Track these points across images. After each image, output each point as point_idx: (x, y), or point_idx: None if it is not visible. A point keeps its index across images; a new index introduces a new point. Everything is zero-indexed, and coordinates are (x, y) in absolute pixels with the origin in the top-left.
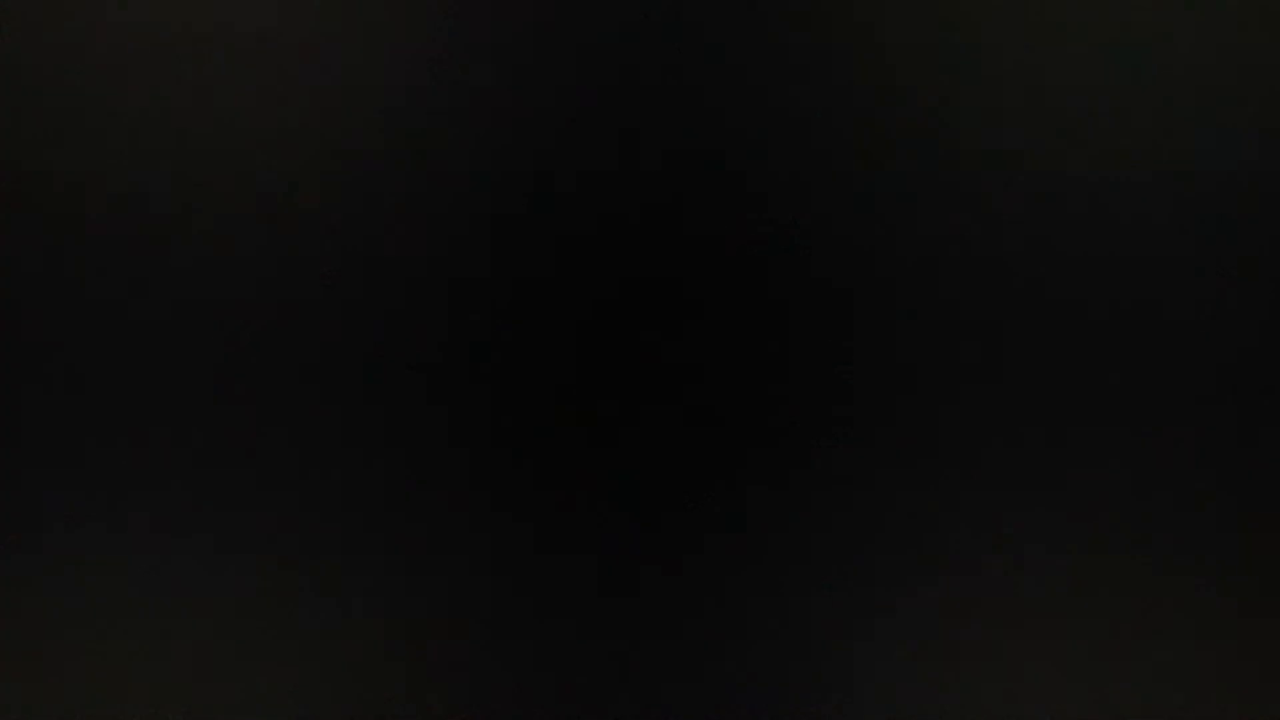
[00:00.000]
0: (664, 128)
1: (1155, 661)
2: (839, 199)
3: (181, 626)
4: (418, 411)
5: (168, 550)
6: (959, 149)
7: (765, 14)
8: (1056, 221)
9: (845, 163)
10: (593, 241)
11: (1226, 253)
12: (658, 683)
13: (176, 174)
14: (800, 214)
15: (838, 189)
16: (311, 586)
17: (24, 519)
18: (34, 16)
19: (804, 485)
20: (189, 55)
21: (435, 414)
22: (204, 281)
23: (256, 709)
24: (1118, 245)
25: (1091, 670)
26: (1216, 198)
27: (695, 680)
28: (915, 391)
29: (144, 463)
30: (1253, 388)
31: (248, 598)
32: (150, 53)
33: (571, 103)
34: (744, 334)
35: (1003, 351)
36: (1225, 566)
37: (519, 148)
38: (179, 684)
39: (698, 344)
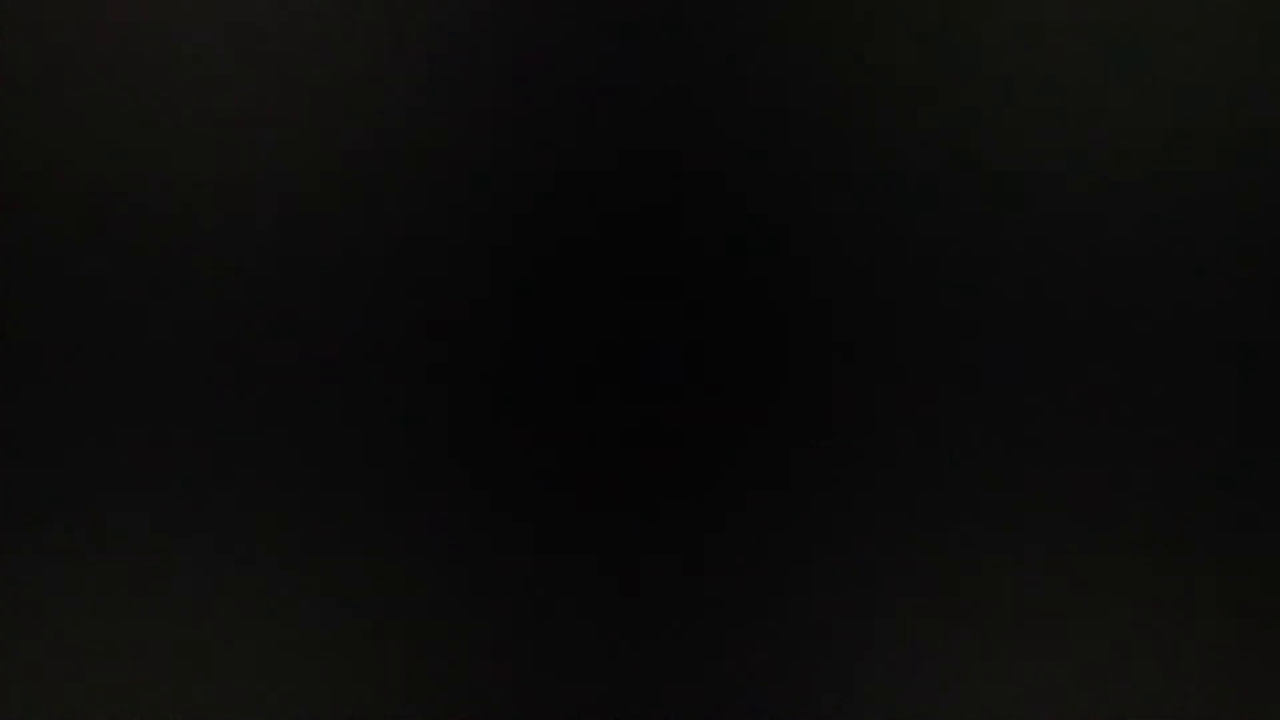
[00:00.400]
0: (664, 129)
1: (1155, 661)
2: (840, 200)
3: (182, 627)
4: (417, 412)
5: (169, 550)
6: (960, 149)
7: (766, 16)
8: (1056, 221)
9: (848, 164)
10: (592, 242)
11: (1226, 253)
12: (658, 683)
13: (178, 174)
14: (801, 215)
15: (839, 190)
16: (311, 587)
17: (24, 519)
18: (34, 16)
19: (804, 485)
20: (191, 55)
21: (435, 414)
22: (206, 282)
23: (257, 709)
24: (1118, 245)
25: (1091, 670)
26: (1216, 198)
27: (696, 680)
28: (916, 392)
29: (145, 463)
30: (1253, 388)
31: (247, 598)
32: (152, 53)
33: (570, 105)
34: (744, 334)
35: (1003, 352)
36: (1225, 566)
37: (520, 149)
38: (179, 684)
39: (698, 344)
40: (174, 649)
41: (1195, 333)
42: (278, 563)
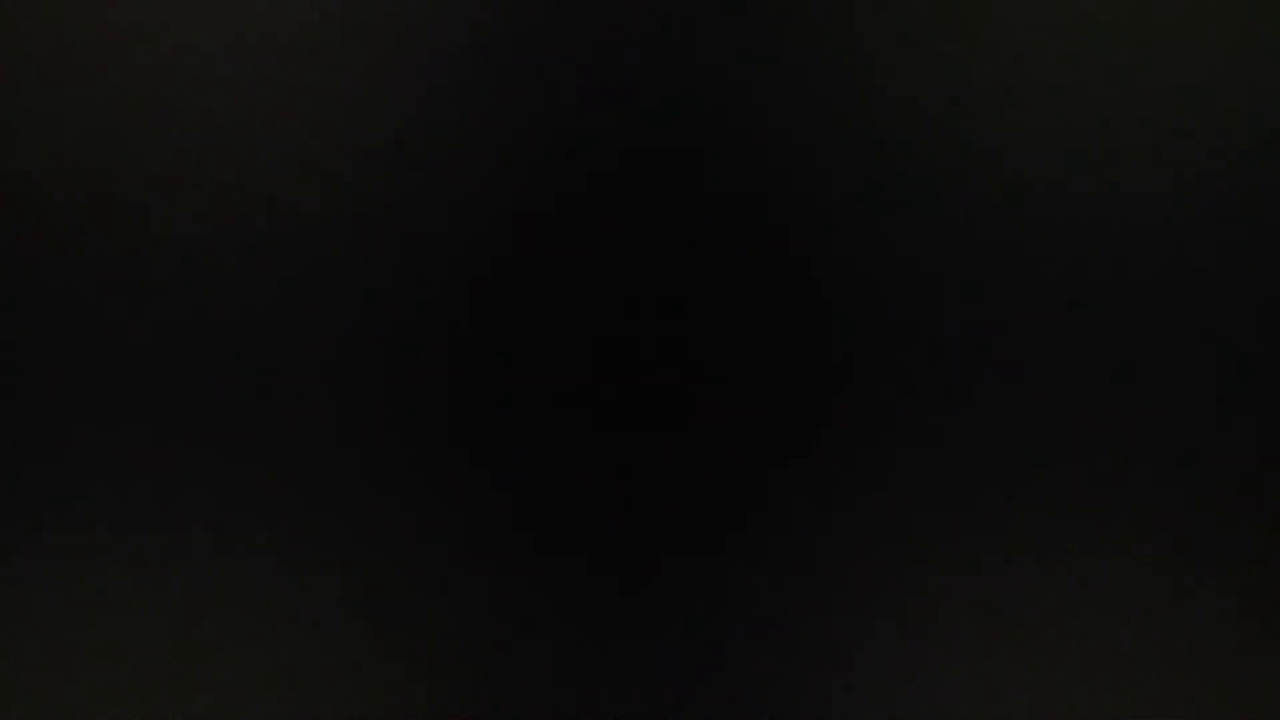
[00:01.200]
0: (664, 130)
1: (1156, 662)
2: (842, 201)
3: (182, 628)
4: (416, 413)
5: (169, 550)
6: (960, 149)
7: (768, 18)
8: (1057, 222)
9: (851, 165)
10: (591, 244)
11: (1226, 253)
12: (658, 684)
13: (181, 176)
14: (802, 216)
15: (841, 191)
16: (311, 587)
17: (24, 519)
18: (34, 16)
19: (805, 487)
20: (191, 56)
21: (435, 416)
22: (207, 284)
23: (256, 709)
24: (1119, 245)
25: (1092, 672)
26: (1216, 199)
27: (695, 680)
28: (916, 392)
29: (147, 464)
30: (1253, 388)
31: (247, 599)
32: (152, 53)
33: (568, 106)
34: (744, 336)
35: (1004, 353)
36: (1226, 567)
37: (518, 150)
38: (179, 684)
39: (698, 346)
40: (173, 650)
41: (1198, 334)
42: (277, 563)
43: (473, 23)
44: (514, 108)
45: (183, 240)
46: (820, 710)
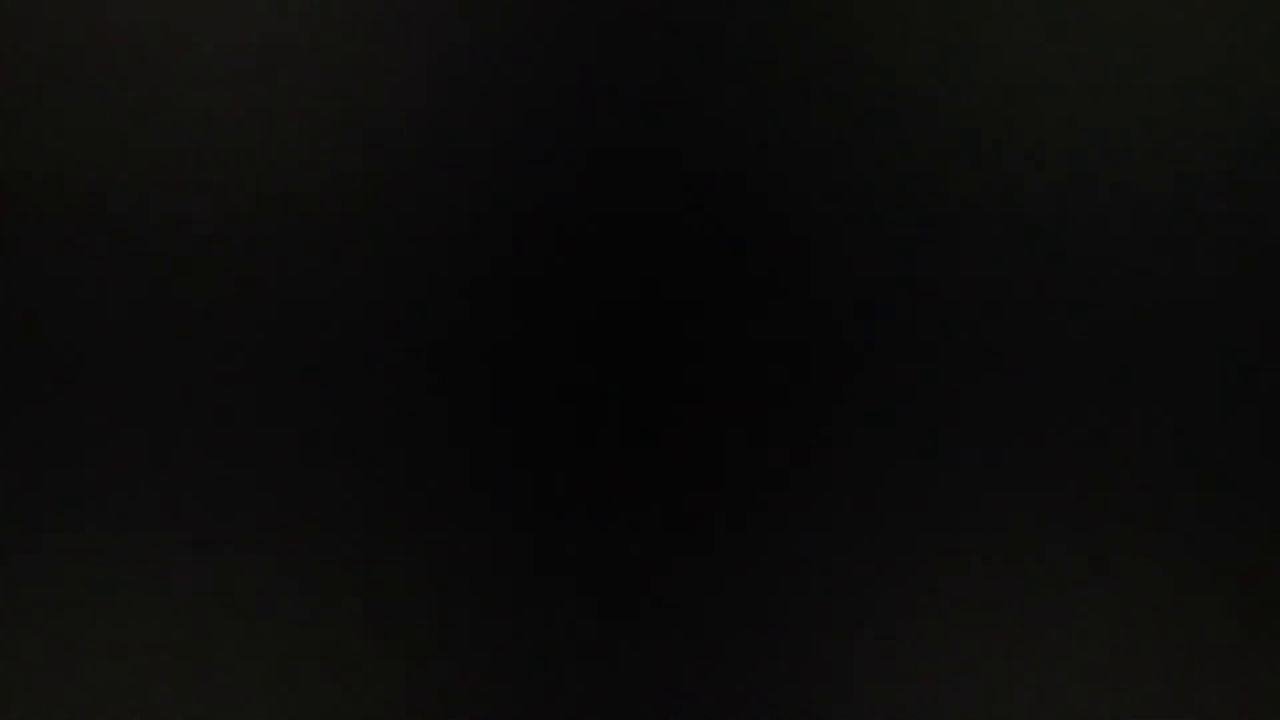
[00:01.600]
0: (664, 129)
1: (1156, 662)
2: (843, 200)
3: (182, 628)
4: (416, 413)
5: (168, 551)
6: (961, 148)
7: (769, 18)
8: (1055, 221)
9: (851, 163)
10: (593, 244)
11: (1226, 253)
12: (658, 684)
13: (179, 176)
14: (803, 215)
15: (842, 190)
16: (311, 589)
17: (24, 519)
18: (34, 16)
19: (804, 485)
20: (193, 57)
21: (435, 416)
22: (205, 284)
23: (257, 710)
24: (1120, 245)
25: (1092, 671)
26: (1216, 198)
27: (696, 681)
28: (916, 392)
29: (147, 464)
30: (1253, 388)
31: (247, 599)
32: (152, 54)
33: (568, 105)
34: (744, 335)
35: (1005, 353)
36: (1225, 567)
37: (517, 150)
38: (178, 685)
39: (698, 345)
40: (173, 651)
41: (1198, 333)
42: (277, 565)
43: (472, 22)
44: (513, 108)
45: (182, 240)
46: (820, 710)
